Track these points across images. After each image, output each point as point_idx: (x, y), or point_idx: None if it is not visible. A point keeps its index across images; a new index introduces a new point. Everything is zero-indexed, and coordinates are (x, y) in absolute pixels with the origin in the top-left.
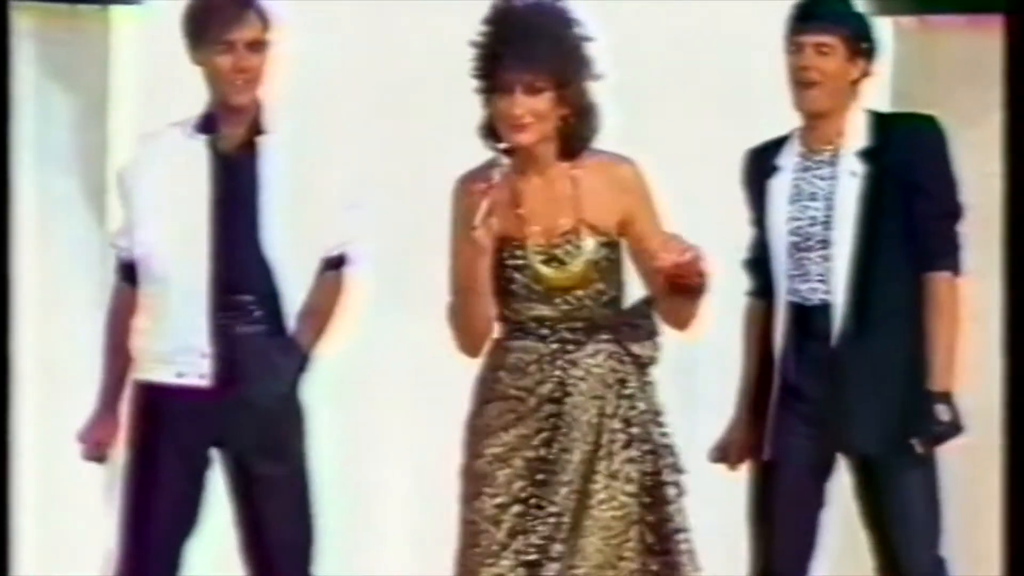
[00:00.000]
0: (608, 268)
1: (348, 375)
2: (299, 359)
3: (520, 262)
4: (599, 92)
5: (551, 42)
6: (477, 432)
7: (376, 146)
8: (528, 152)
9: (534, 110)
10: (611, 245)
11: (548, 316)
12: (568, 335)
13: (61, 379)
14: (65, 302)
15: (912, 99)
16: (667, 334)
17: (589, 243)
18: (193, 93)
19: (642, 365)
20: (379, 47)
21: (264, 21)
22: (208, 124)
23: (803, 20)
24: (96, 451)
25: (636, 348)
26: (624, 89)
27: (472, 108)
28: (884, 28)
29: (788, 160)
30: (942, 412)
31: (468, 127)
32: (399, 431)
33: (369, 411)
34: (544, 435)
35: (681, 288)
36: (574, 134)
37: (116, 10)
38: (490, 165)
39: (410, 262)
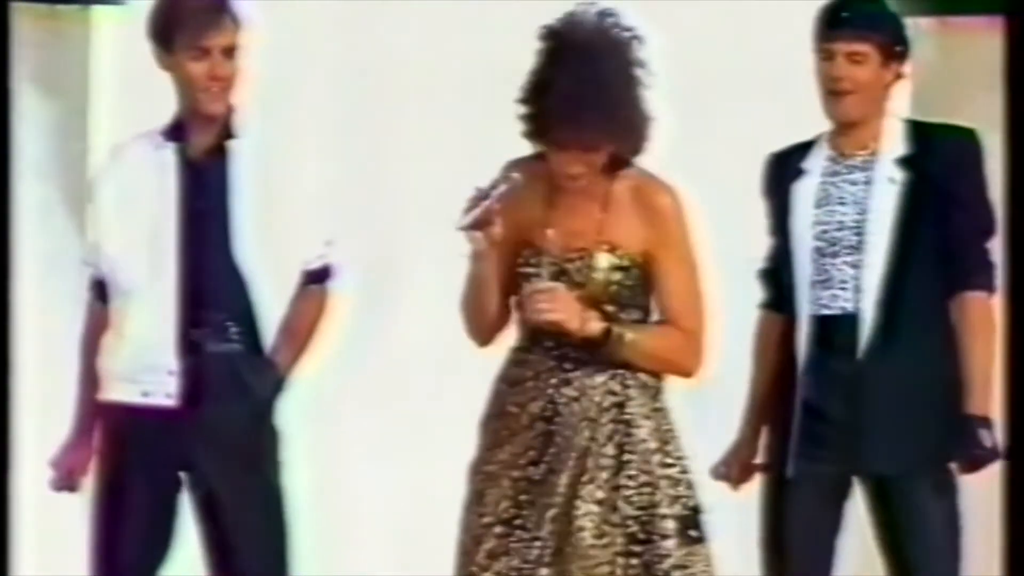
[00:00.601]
0: (622, 293)
1: (326, 396)
2: (275, 380)
3: (533, 270)
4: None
5: (616, 103)
6: (481, 447)
7: (354, 148)
8: None
9: (591, 166)
10: (629, 270)
11: (550, 330)
12: (571, 352)
13: (61, 378)
14: (40, 317)
15: (933, 103)
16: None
17: (602, 264)
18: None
19: (648, 390)
20: (355, 45)
21: (237, 24)
22: (177, 132)
23: (834, 26)
24: (67, 480)
25: (643, 374)
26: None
27: (455, 109)
28: (911, 29)
29: (815, 164)
30: (985, 437)
31: (449, 130)
32: (378, 455)
33: (347, 435)
34: (532, 454)
35: None
36: (620, 161)
37: (98, 10)
38: (534, 158)
39: (391, 273)
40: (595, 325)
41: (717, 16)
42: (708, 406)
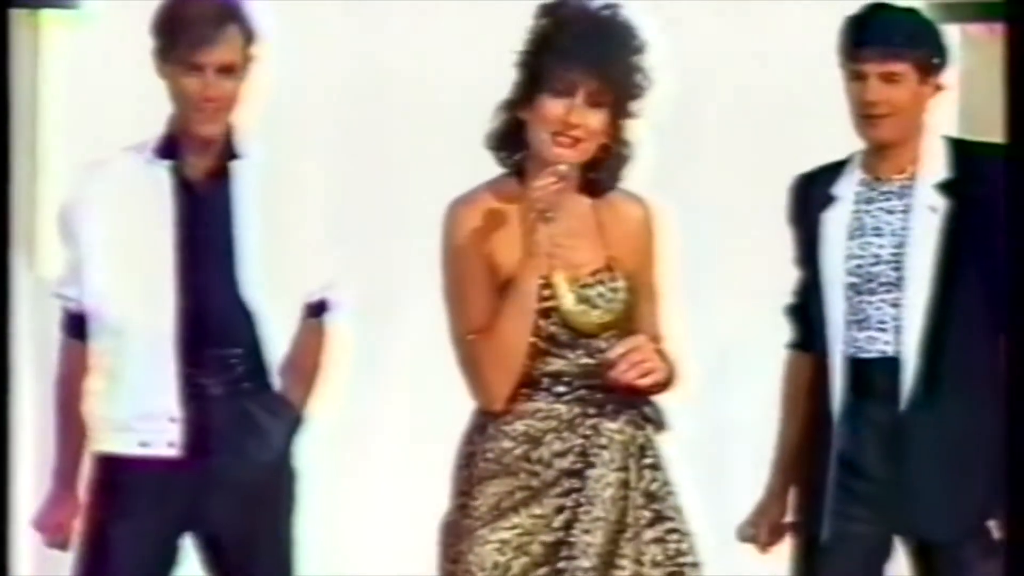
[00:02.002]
0: (633, 315)
1: (335, 436)
2: (291, 420)
3: (546, 304)
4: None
5: (624, 53)
6: (476, 516)
7: (363, 171)
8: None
9: (589, 125)
10: (630, 291)
11: (565, 372)
12: (587, 395)
13: None
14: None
15: (981, 119)
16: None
17: (622, 284)
18: (139, 111)
19: (658, 429)
20: (363, 69)
21: (247, 37)
22: (171, 148)
23: (863, 43)
24: (57, 536)
25: (648, 410)
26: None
27: (465, 134)
28: (951, 37)
29: (847, 189)
30: None
31: (461, 154)
32: (393, 496)
33: (358, 476)
34: (565, 515)
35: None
36: (607, 169)
37: (48, 14)
38: (491, 185)
39: (398, 306)
40: (667, 368)
41: (735, 25)
42: (730, 457)
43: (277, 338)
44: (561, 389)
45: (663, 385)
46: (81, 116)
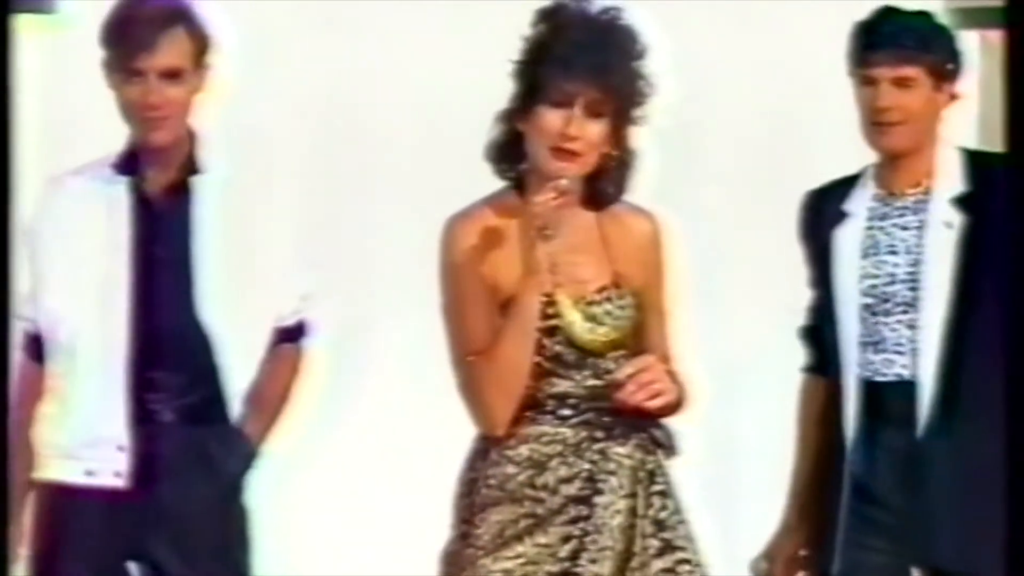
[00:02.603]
0: (640, 333)
1: (299, 471)
2: (245, 454)
3: (550, 323)
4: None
5: (624, 59)
6: (478, 545)
7: (333, 187)
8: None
9: (589, 136)
10: (637, 309)
11: (572, 393)
12: (594, 418)
13: None
14: None
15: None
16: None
17: (629, 301)
18: (116, 119)
19: (668, 454)
20: (337, 71)
21: (198, 42)
22: (129, 164)
23: (874, 47)
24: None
25: (658, 433)
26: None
27: (445, 146)
28: (968, 44)
29: (860, 205)
30: None
31: (440, 167)
32: (362, 538)
33: (326, 515)
34: (571, 544)
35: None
36: (611, 180)
37: (21, 19)
38: (491, 200)
39: (373, 331)
40: (678, 389)
41: (740, 29)
42: (743, 483)
43: (239, 364)
44: (567, 412)
45: (673, 407)
46: (57, 123)
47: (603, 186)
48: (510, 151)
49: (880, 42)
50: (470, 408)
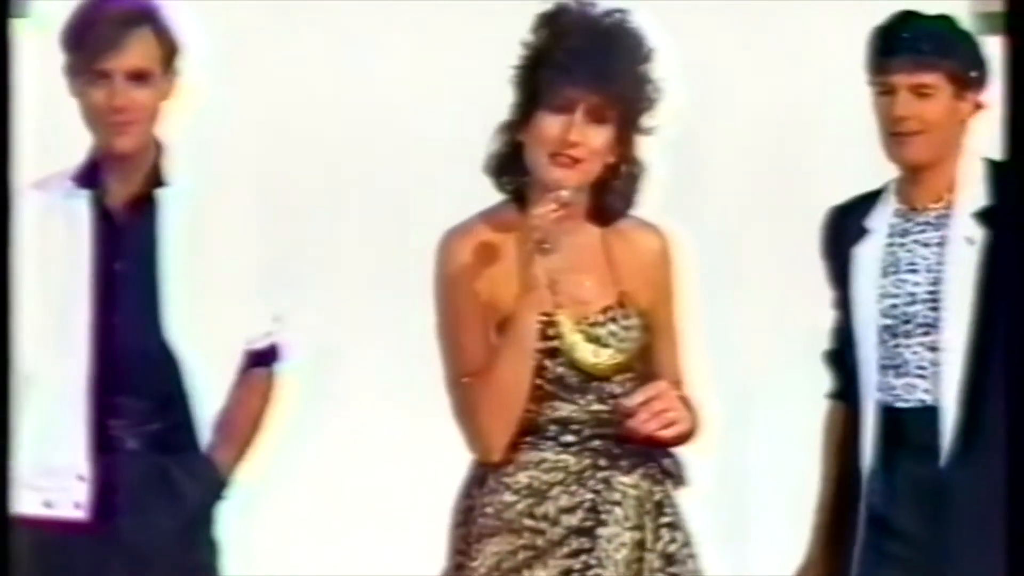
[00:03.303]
0: (648, 355)
1: (269, 502)
2: (214, 484)
3: (551, 344)
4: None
5: (628, 63)
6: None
7: (305, 201)
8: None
9: (591, 143)
10: (644, 330)
11: (574, 419)
12: (598, 444)
13: None
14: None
15: None
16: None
17: (635, 322)
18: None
19: (677, 484)
20: (312, 81)
21: (165, 46)
22: (91, 176)
23: (892, 53)
24: None
25: (667, 462)
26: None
27: (428, 160)
28: (994, 50)
29: (881, 221)
30: None
31: (423, 181)
32: (337, 572)
33: (297, 547)
34: None
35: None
36: (617, 192)
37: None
38: (488, 214)
39: (350, 352)
40: (692, 417)
41: (752, 34)
42: (756, 515)
43: (207, 389)
44: (569, 438)
45: (686, 436)
46: (59, 132)
47: (609, 200)
48: (510, 163)
49: (897, 48)
50: (465, 432)
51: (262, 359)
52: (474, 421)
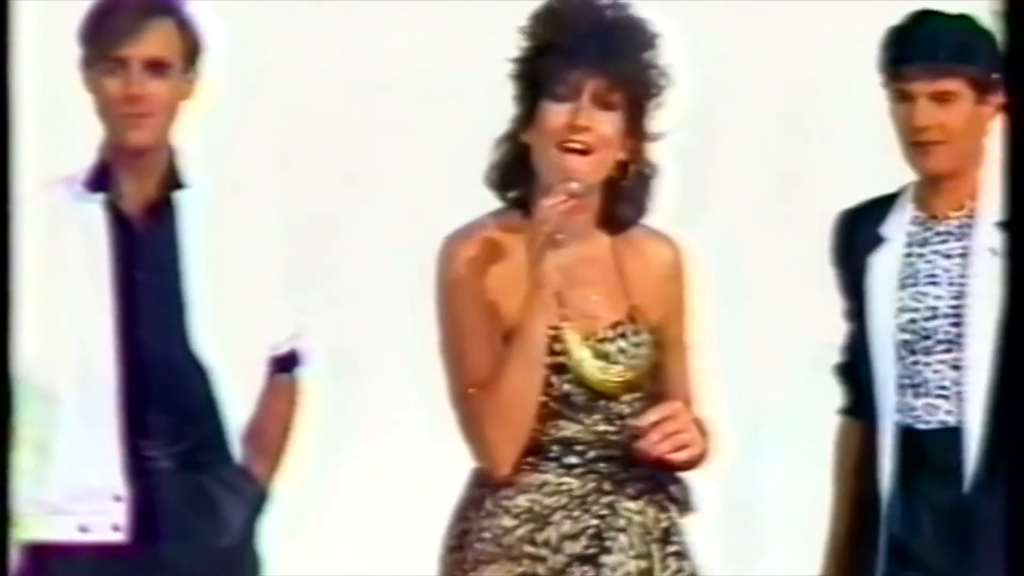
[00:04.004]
0: (658, 373)
1: (305, 513)
2: (254, 497)
3: (557, 360)
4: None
5: (634, 46)
6: None
7: (325, 203)
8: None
9: (600, 130)
10: (656, 346)
11: (579, 439)
12: (603, 467)
13: None
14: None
15: None
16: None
17: (646, 338)
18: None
19: (684, 510)
20: (335, 77)
21: (187, 40)
22: (102, 178)
23: (908, 60)
24: None
25: (674, 488)
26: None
27: (450, 158)
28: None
29: (897, 228)
30: None
31: (444, 181)
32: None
33: (331, 559)
34: None
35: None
36: (628, 197)
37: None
38: (494, 217)
39: (371, 359)
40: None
41: (762, 34)
42: (767, 542)
43: (236, 399)
44: (573, 460)
45: (697, 460)
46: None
47: (620, 206)
48: (515, 170)
49: (914, 53)
50: (471, 446)
51: (285, 365)
52: (481, 434)
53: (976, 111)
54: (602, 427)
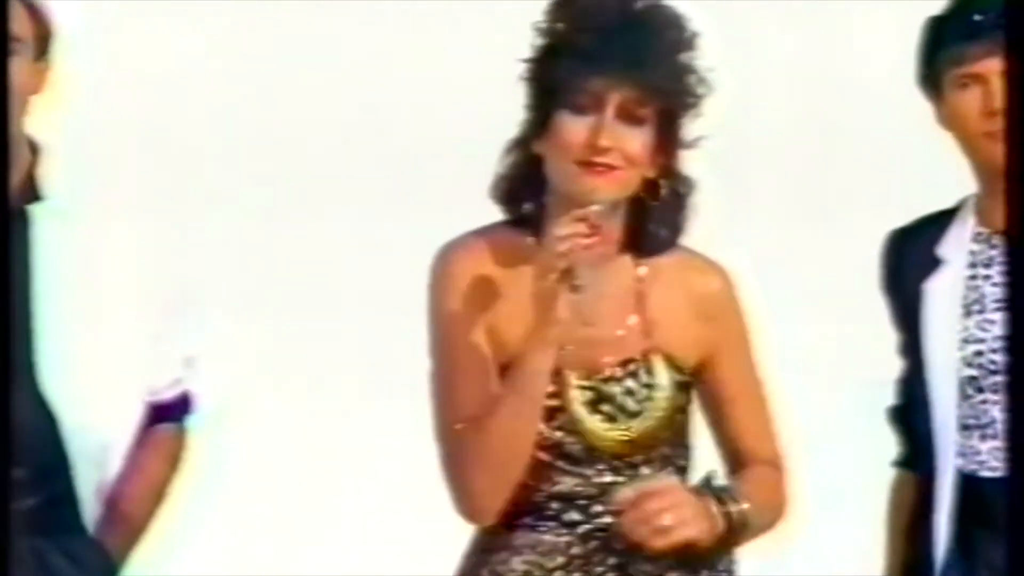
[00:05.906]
0: (681, 425)
1: None
2: (101, 572)
3: (552, 403)
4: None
5: (667, 48)
6: None
7: (208, 217)
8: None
9: (627, 148)
10: (687, 389)
11: (581, 494)
12: (610, 525)
13: None
14: None
15: None
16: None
17: (665, 382)
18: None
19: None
20: (222, 73)
21: (37, 22)
22: None
23: (971, 36)
24: None
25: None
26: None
27: (388, 166)
28: None
29: (958, 248)
30: None
31: (370, 195)
32: None
33: None
34: None
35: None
36: (659, 217)
37: None
38: (496, 231)
39: (266, 406)
40: (718, 519)
41: (805, 35)
42: None
43: (94, 453)
44: (575, 517)
45: (728, 541)
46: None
47: (650, 227)
48: (525, 183)
49: (980, 28)
50: (452, 488)
51: (169, 413)
52: (463, 475)
53: None
54: (608, 479)
